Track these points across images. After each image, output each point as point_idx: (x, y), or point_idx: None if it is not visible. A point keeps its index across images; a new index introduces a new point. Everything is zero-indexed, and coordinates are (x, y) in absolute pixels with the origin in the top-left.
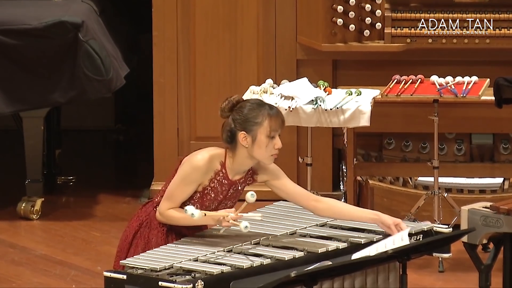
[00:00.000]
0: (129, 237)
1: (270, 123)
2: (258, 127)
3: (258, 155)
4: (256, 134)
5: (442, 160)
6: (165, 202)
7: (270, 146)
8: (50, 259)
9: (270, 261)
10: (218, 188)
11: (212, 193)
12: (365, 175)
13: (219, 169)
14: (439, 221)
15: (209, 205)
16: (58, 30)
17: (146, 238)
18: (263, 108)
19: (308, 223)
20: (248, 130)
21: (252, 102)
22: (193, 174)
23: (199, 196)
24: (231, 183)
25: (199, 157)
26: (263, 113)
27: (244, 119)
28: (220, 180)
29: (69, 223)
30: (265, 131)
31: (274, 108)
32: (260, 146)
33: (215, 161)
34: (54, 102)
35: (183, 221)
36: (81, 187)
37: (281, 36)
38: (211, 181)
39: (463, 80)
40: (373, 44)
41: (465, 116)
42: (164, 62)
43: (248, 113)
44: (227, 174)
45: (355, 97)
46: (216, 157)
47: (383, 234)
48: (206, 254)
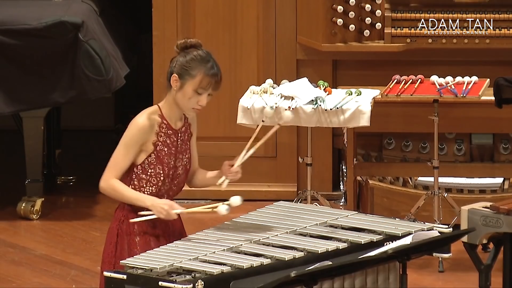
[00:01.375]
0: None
1: (201, 80)
2: (189, 78)
3: (180, 102)
4: (185, 83)
5: (442, 160)
6: (109, 170)
7: (194, 100)
8: (50, 259)
9: (270, 261)
10: (167, 141)
11: (164, 147)
12: (365, 175)
13: (160, 121)
14: (439, 221)
15: (169, 162)
16: (58, 30)
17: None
18: (203, 64)
19: (308, 223)
20: (181, 76)
21: (199, 53)
22: (136, 134)
23: (155, 157)
24: (175, 132)
25: (140, 118)
26: (200, 68)
27: (183, 65)
28: (165, 132)
29: (69, 223)
30: (193, 85)
31: (214, 69)
32: (184, 95)
33: (153, 116)
34: (54, 102)
35: (123, 195)
36: (81, 187)
37: (281, 36)
38: (158, 134)
39: (463, 80)
40: (373, 44)
41: (465, 116)
42: (164, 62)
43: (188, 61)
44: (169, 124)
45: (355, 97)
46: (152, 112)
47: (383, 234)
48: (206, 254)
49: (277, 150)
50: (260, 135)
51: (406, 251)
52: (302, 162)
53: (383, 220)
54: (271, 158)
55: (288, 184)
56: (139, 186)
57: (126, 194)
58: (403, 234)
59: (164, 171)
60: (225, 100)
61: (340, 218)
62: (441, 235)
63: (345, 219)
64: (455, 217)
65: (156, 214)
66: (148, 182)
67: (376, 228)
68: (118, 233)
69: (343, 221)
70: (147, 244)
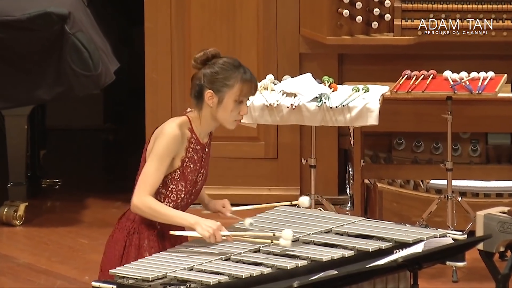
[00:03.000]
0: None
1: (241, 88)
2: (227, 89)
3: (222, 117)
4: (223, 96)
5: (456, 161)
6: (142, 186)
7: (236, 111)
8: (34, 268)
9: (271, 270)
10: (195, 157)
11: (191, 163)
12: (373, 177)
13: (190, 135)
14: (452, 227)
15: (192, 178)
16: (43, 22)
17: (137, 245)
18: (237, 70)
19: (311, 230)
20: (216, 90)
21: (227, 60)
22: (171, 145)
23: (180, 173)
24: (203, 147)
25: (170, 128)
26: (236, 76)
27: (215, 78)
28: (194, 147)
29: (54, 230)
30: (233, 95)
31: (248, 72)
32: (226, 109)
33: (183, 128)
34: (39, 99)
35: (162, 213)
36: (67, 191)
37: (282, 28)
38: (187, 150)
39: (478, 76)
40: (382, 37)
41: (481, 115)
42: (157, 57)
43: (220, 72)
44: (198, 139)
45: (363, 94)
46: (182, 124)
47: (392, 241)
48: (202, 263)
49: (279, 151)
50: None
51: (418, 260)
52: (305, 164)
53: (392, 226)
54: (272, 160)
55: (290, 188)
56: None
57: (166, 212)
58: (414, 241)
59: (186, 188)
60: None
61: (346, 225)
62: (455, 243)
63: (352, 225)
64: (470, 223)
65: (200, 232)
66: (167, 197)
67: (385, 235)
68: (125, 245)
69: (350, 227)
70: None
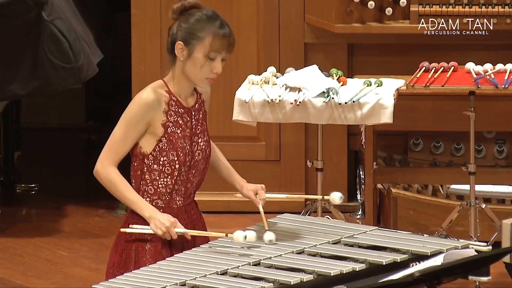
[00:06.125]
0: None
1: (212, 42)
2: (197, 42)
3: (191, 73)
4: (193, 49)
5: (479, 164)
6: (108, 154)
7: (207, 68)
8: (7, 284)
9: (273, 285)
10: (180, 121)
11: (176, 128)
12: (387, 182)
13: (168, 97)
14: (476, 238)
15: (183, 146)
16: (18, 8)
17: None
18: (211, 22)
19: (318, 240)
20: (187, 42)
21: (204, 12)
22: (141, 110)
23: (167, 141)
24: (188, 110)
25: (145, 93)
26: (208, 28)
27: (187, 29)
28: (176, 110)
29: (30, 240)
30: (203, 49)
31: (225, 27)
32: (195, 64)
33: (159, 90)
34: (13, 95)
35: (120, 192)
36: (45, 197)
37: (286, 15)
38: (167, 114)
39: (504, 68)
40: (397, 25)
41: (507, 112)
42: (144, 46)
43: (193, 23)
44: (179, 100)
45: (375, 89)
46: (158, 86)
47: (408, 253)
48: (195, 278)
49: (281, 153)
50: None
51: (437, 274)
52: (311, 167)
53: (408, 237)
54: (274, 162)
55: (294, 193)
56: (152, 181)
57: (124, 193)
58: (432, 253)
59: (179, 157)
60: (219, 92)
61: (357, 235)
62: (479, 255)
63: (363, 235)
64: (496, 232)
65: (153, 229)
66: (162, 173)
67: (400, 246)
68: (126, 239)
69: (361, 238)
70: (158, 253)
